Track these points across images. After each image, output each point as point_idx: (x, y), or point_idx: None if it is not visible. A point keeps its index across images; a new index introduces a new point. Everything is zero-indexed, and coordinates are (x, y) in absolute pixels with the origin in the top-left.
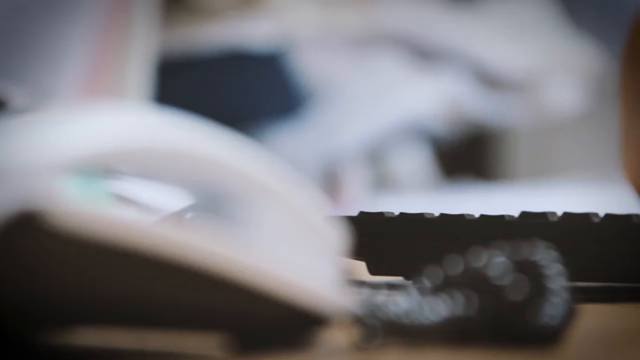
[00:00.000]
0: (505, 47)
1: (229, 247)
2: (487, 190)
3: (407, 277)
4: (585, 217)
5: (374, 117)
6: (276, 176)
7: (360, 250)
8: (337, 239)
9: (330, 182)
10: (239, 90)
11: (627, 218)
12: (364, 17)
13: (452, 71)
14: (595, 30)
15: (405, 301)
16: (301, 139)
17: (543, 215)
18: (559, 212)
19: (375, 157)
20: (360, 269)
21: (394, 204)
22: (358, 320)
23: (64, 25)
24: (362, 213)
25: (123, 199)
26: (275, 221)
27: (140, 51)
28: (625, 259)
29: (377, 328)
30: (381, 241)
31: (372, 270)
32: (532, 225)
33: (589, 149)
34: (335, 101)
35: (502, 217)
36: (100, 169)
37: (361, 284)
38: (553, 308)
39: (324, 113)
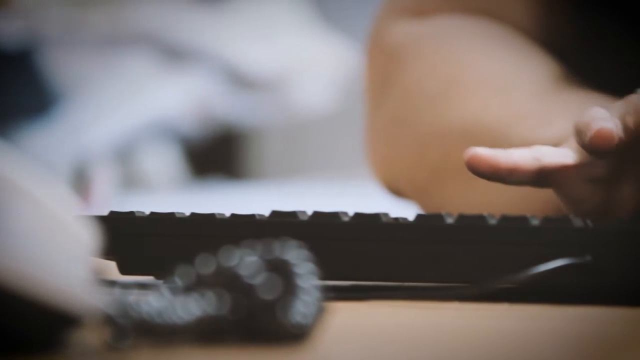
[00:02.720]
0: (255, 46)
1: None
2: (238, 190)
3: (158, 277)
4: (335, 216)
5: (123, 116)
6: (26, 176)
7: (111, 250)
8: (88, 238)
9: (80, 182)
10: None
11: (375, 217)
12: (113, 16)
13: (202, 71)
14: (346, 29)
15: (157, 301)
16: (51, 138)
17: (293, 214)
18: (309, 211)
19: (125, 157)
20: (111, 268)
21: (145, 204)
22: (109, 320)
23: None
24: (112, 212)
25: None
26: (25, 221)
27: None
28: (374, 258)
29: (129, 328)
30: (132, 241)
31: (123, 270)
32: (283, 224)
33: (340, 148)
34: (85, 100)
35: (252, 216)
36: None
37: (112, 283)
38: (304, 306)
39: (74, 112)
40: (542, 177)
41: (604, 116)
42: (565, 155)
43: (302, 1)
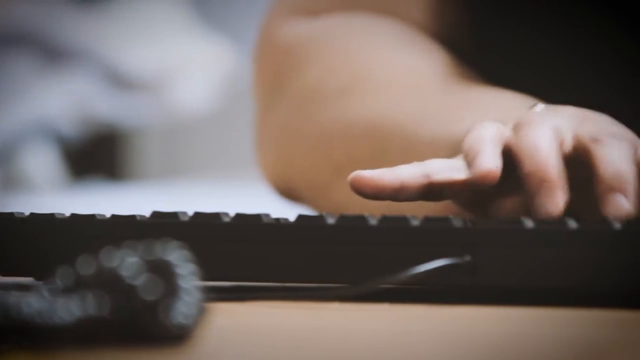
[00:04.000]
0: (135, 47)
1: None
2: (118, 190)
3: (38, 278)
4: (216, 216)
5: (3, 117)
6: None
7: None
8: None
9: None
10: None
11: (256, 217)
12: None
13: (82, 71)
14: (228, 29)
15: (37, 301)
16: None
17: (174, 215)
18: (190, 212)
19: (4, 157)
20: None
21: (24, 204)
22: None
23: None
24: None
25: None
26: None
27: None
28: (255, 258)
29: (8, 329)
30: (11, 242)
31: (2, 271)
32: (164, 225)
33: (222, 148)
34: None
35: (133, 217)
36: None
37: None
38: (185, 307)
39: None
40: (432, 192)
41: (488, 151)
42: (456, 169)
43: (182, 2)
